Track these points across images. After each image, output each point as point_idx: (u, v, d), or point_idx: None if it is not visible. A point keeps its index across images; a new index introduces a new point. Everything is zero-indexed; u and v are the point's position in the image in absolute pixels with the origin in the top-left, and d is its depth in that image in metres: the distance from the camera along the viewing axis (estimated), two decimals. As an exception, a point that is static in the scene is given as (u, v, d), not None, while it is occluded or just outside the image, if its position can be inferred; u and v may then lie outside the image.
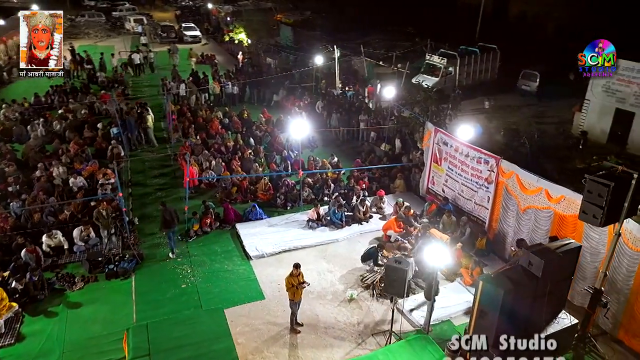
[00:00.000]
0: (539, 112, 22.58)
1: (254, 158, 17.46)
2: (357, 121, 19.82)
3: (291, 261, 12.23)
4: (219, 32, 42.65)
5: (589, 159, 15.59)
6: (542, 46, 32.63)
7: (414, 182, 15.73)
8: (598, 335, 9.90)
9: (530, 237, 11.67)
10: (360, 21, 39.45)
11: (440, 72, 25.20)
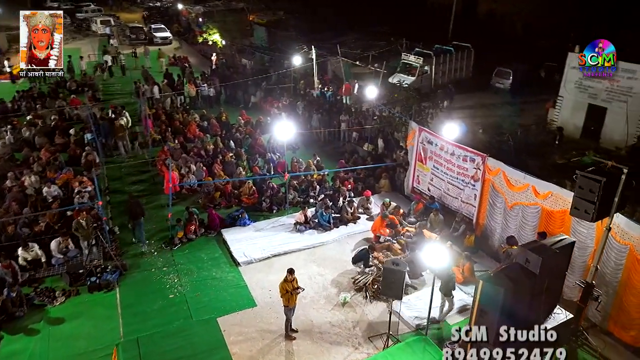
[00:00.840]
0: (515, 109, 23.00)
1: (236, 161, 17.13)
2: (338, 122, 19.72)
3: (280, 266, 12.12)
4: (190, 33, 41.89)
5: (568, 154, 15.95)
6: (512, 44, 33.37)
7: (399, 182, 15.74)
8: (588, 328, 10.10)
9: (518, 233, 11.80)
10: (334, 21, 39.42)
11: (417, 71, 25.37)
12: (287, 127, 14.77)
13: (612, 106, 19.43)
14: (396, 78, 25.40)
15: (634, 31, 27.23)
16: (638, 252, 9.24)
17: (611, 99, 19.42)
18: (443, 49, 26.74)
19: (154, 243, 13.18)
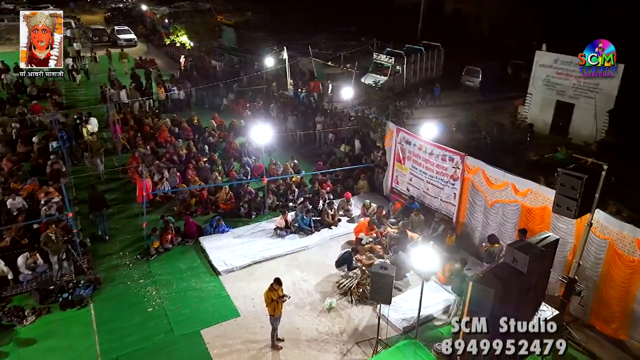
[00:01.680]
0: (487, 107, 23.37)
1: (211, 166, 16.69)
2: (314, 123, 19.53)
3: (262, 273, 11.87)
4: (156, 34, 40.85)
5: (541, 150, 16.25)
6: (479, 43, 34.04)
7: (378, 182, 15.67)
8: (571, 323, 10.26)
9: (499, 231, 11.90)
10: (303, 22, 39.23)
11: (389, 71, 25.46)
12: (263, 129, 14.45)
13: (579, 102, 20.00)
14: (369, 78, 25.39)
15: (595, 28, 28.21)
16: (618, 247, 9.42)
17: (578, 95, 19.99)
18: (414, 49, 26.95)
19: (129, 254, 12.65)
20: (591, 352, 9.60)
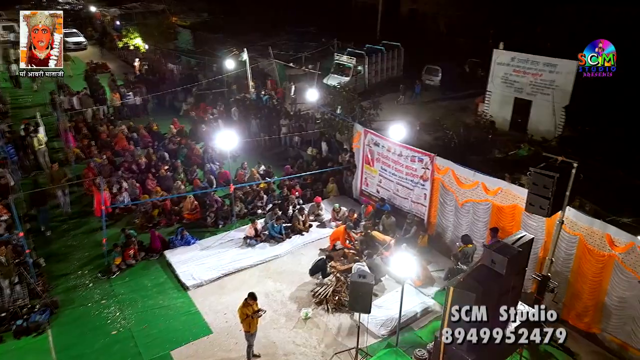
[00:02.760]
0: (448, 105, 23.69)
1: (173, 175, 15.99)
2: (279, 126, 19.12)
3: (233, 286, 11.42)
4: (106, 37, 39.14)
5: (505, 147, 16.54)
6: (437, 42, 34.58)
7: (347, 185, 15.47)
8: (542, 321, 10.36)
9: (471, 230, 11.94)
10: (261, 22, 38.65)
11: (351, 72, 25.36)
12: (227, 134, 13.92)
13: (536, 99, 20.58)
14: (331, 79, 25.22)
15: (548, 27, 29.25)
16: (588, 242, 9.58)
17: (535, 92, 20.56)
18: (374, 49, 26.97)
19: (89, 273, 11.88)
20: (566, 347, 9.70)
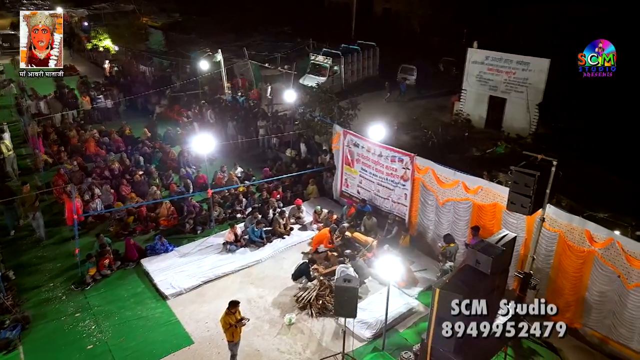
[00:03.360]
0: (424, 104, 23.82)
1: (147, 180, 15.55)
2: (256, 128, 18.84)
3: (214, 293, 11.14)
4: (75, 39, 37.98)
5: (482, 145, 16.68)
6: (411, 41, 34.84)
7: (327, 186, 15.34)
8: (527, 315, 10.44)
9: (452, 229, 11.96)
10: (235, 23, 38.19)
11: (327, 72, 25.25)
12: (205, 137, 13.57)
13: (510, 97, 20.88)
14: (307, 79, 25.06)
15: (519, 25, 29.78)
16: (568, 238, 9.70)
17: (509, 90, 20.85)
18: (350, 48, 26.94)
19: (61, 285, 11.38)
20: (549, 343, 9.79)
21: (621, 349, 9.31)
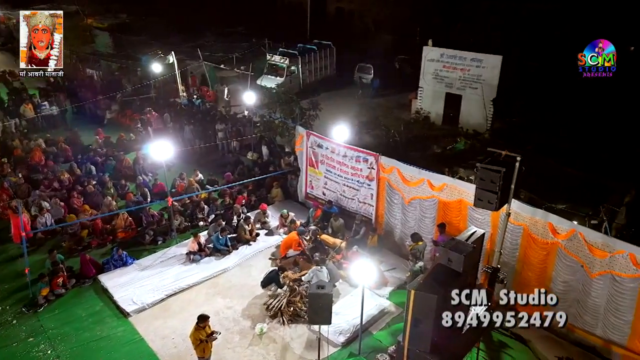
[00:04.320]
0: (383, 102, 23.94)
1: (101, 190, 14.75)
2: (214, 131, 18.29)
3: (180, 306, 10.69)
4: (14, 42, 35.67)
5: (442, 142, 16.92)
6: (365, 40, 35.06)
7: (292, 189, 15.07)
8: (495, 309, 10.62)
9: (418, 226, 12.00)
10: (186, 23, 37.09)
11: (285, 72, 24.93)
12: (161, 143, 12.96)
13: (465, 93, 21.29)
14: (264, 80, 24.67)
15: (469, 23, 30.60)
16: (532, 231, 9.92)
17: (464, 87, 21.26)
18: (307, 48, 26.70)
19: (11, 308, 10.58)
20: (518, 335, 10.00)
21: (586, 336, 9.62)
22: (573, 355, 9.40)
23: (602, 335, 9.41)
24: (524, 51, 21.35)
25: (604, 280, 9.04)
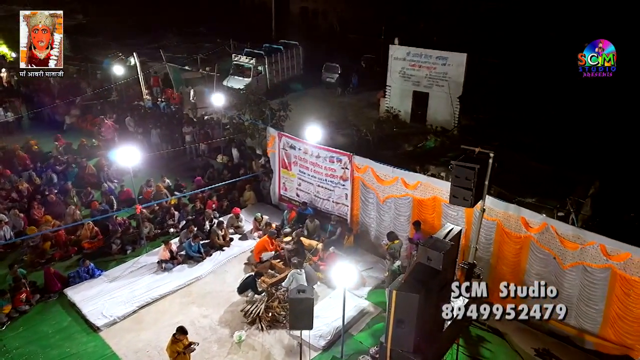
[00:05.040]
0: (351, 101, 23.97)
1: (64, 199, 14.08)
2: (182, 134, 17.80)
3: (153, 318, 10.33)
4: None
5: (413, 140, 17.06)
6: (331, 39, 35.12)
7: (265, 192, 14.83)
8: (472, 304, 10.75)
9: (393, 225, 12.03)
10: (144, 23, 36.05)
11: (252, 72, 24.58)
12: (127, 148, 12.47)
13: (432, 91, 21.57)
14: (231, 81, 24.25)
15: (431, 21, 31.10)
16: (505, 226, 10.09)
17: (431, 85, 21.54)
18: (273, 48, 26.42)
19: (-31, 329, 9.90)
20: (495, 329, 10.15)
21: (560, 326, 9.84)
22: (549, 346, 9.62)
23: (575, 325, 9.68)
24: (485, 49, 21.79)
25: (576, 272, 9.29)
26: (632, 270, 8.59)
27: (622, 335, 9.13)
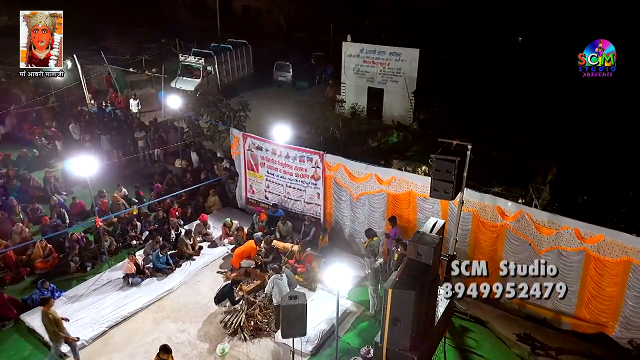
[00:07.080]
0: (305, 99, 23.68)
1: (9, 216, 12.84)
2: (134, 140, 16.79)
3: (124, 337, 9.68)
4: None
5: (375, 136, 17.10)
6: (278, 38, 34.69)
7: (231, 195, 14.28)
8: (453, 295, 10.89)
9: (368, 221, 11.97)
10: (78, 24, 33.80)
11: (201, 73, 23.71)
12: (77, 156, 11.52)
13: (387, 87, 21.77)
14: (179, 82, 23.27)
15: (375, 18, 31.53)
16: (481, 216, 10.28)
17: (386, 80, 21.73)
18: (221, 47, 25.62)
19: None
20: (476, 317, 10.33)
21: (537, 310, 10.18)
22: (529, 330, 9.89)
23: (552, 307, 10.02)
24: (433, 45, 22.28)
25: (552, 256, 9.59)
26: (605, 252, 8.99)
27: (597, 314, 9.56)
